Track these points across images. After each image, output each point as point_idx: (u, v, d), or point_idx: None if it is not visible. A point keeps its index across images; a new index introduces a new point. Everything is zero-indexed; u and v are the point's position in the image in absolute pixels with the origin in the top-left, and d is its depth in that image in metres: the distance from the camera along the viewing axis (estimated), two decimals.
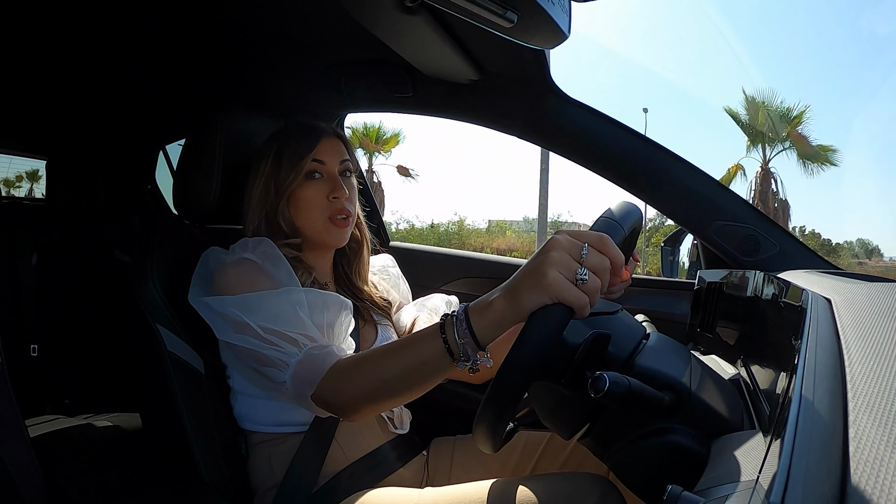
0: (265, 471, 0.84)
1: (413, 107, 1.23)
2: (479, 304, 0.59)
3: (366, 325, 0.96)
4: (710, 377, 0.61)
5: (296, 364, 0.71)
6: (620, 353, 0.59)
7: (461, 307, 0.61)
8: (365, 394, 0.67)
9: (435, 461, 0.96)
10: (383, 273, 1.09)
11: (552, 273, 0.52)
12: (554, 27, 0.67)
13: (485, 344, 0.59)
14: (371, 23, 0.88)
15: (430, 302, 1.04)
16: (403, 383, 0.65)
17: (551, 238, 0.56)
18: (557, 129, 1.09)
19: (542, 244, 0.57)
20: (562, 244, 0.54)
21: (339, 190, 0.89)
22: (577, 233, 0.55)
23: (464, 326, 0.58)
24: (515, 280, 0.56)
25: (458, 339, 0.59)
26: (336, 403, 0.69)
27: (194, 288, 0.81)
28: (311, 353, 0.71)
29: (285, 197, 0.88)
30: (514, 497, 0.67)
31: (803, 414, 0.32)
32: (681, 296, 1.17)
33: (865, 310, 0.48)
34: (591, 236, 0.55)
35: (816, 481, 0.27)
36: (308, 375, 0.70)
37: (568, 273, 0.52)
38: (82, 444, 0.89)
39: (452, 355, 0.60)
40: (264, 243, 0.84)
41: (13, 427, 0.63)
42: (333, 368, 0.69)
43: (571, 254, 0.53)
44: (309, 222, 0.89)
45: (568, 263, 0.53)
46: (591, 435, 0.63)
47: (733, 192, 1.05)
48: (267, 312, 0.73)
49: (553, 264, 0.53)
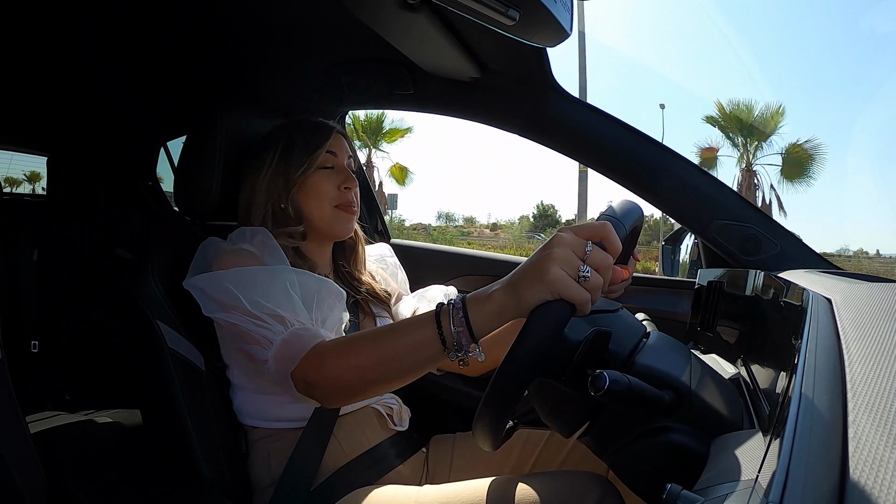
0: (264, 467, 0.84)
1: (414, 104, 1.23)
2: (478, 295, 0.59)
3: (365, 317, 0.97)
4: (710, 376, 0.61)
5: (280, 343, 0.70)
6: (620, 351, 0.59)
7: (459, 296, 0.61)
8: (348, 375, 0.66)
9: (434, 459, 0.96)
10: (381, 262, 1.10)
11: (555, 269, 0.52)
12: (556, 25, 0.67)
13: (480, 336, 0.59)
14: (373, 20, 0.88)
15: (429, 293, 1.05)
16: (389, 368, 0.63)
17: (555, 234, 0.56)
18: (558, 128, 1.09)
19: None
20: (566, 241, 0.54)
21: (351, 181, 0.92)
22: (580, 228, 0.55)
23: (460, 315, 0.58)
24: (517, 274, 0.56)
25: (452, 329, 0.59)
26: (316, 384, 0.68)
27: (191, 274, 0.82)
28: (297, 333, 0.71)
29: (296, 185, 0.89)
30: (514, 495, 0.67)
31: (803, 413, 0.32)
32: (681, 295, 1.17)
33: (866, 310, 0.48)
34: (594, 228, 0.55)
35: (816, 480, 0.27)
36: (290, 352, 0.69)
37: (571, 270, 0.53)
38: (83, 440, 0.89)
39: (445, 344, 0.59)
40: (261, 233, 0.85)
41: (14, 423, 0.63)
42: (317, 347, 0.68)
43: (575, 251, 0.54)
44: (318, 210, 0.91)
45: (571, 260, 0.53)
46: (591, 433, 0.63)
47: (734, 192, 1.05)
48: (258, 287, 0.73)
49: (556, 260, 0.53)
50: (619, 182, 1.08)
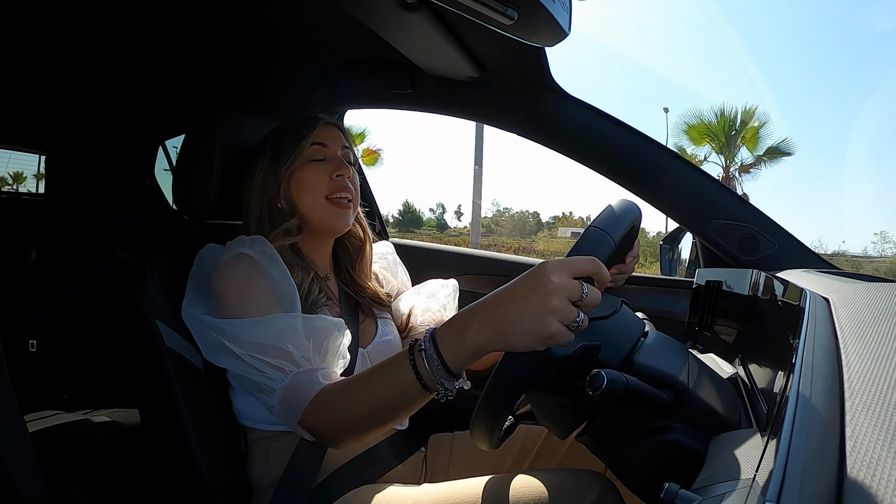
0: (263, 468, 0.84)
1: (412, 103, 1.23)
2: (450, 330, 0.57)
3: (366, 319, 0.96)
4: (707, 376, 0.61)
5: (282, 390, 0.70)
6: (615, 355, 0.60)
7: (427, 333, 0.58)
8: (348, 423, 0.66)
9: (433, 458, 0.96)
10: (381, 261, 1.09)
11: (554, 325, 0.51)
12: (554, 25, 0.67)
13: (459, 371, 0.57)
14: (371, 20, 0.87)
15: (425, 289, 1.05)
16: (385, 413, 0.63)
17: (546, 273, 0.53)
18: (557, 127, 1.09)
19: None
20: (561, 288, 0.52)
21: (342, 168, 0.89)
22: (572, 265, 0.53)
23: (434, 359, 0.57)
24: (506, 316, 0.53)
25: (429, 371, 0.57)
26: (321, 432, 0.69)
27: (189, 294, 0.80)
28: (297, 380, 0.70)
29: (286, 179, 0.88)
30: (513, 493, 0.67)
31: (800, 413, 0.32)
32: (680, 294, 1.17)
33: (863, 310, 0.49)
34: (586, 265, 0.54)
35: (813, 480, 0.27)
36: (293, 403, 0.69)
37: (568, 321, 0.52)
38: (82, 439, 0.89)
39: (427, 387, 0.58)
40: (259, 241, 0.83)
41: (12, 422, 0.63)
42: (318, 397, 0.68)
43: (571, 297, 0.52)
44: (310, 202, 0.88)
45: (568, 312, 0.52)
46: (589, 433, 0.63)
47: (733, 191, 1.06)
48: (251, 344, 0.72)
49: (556, 313, 0.51)
50: (617, 182, 1.08)
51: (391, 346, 0.94)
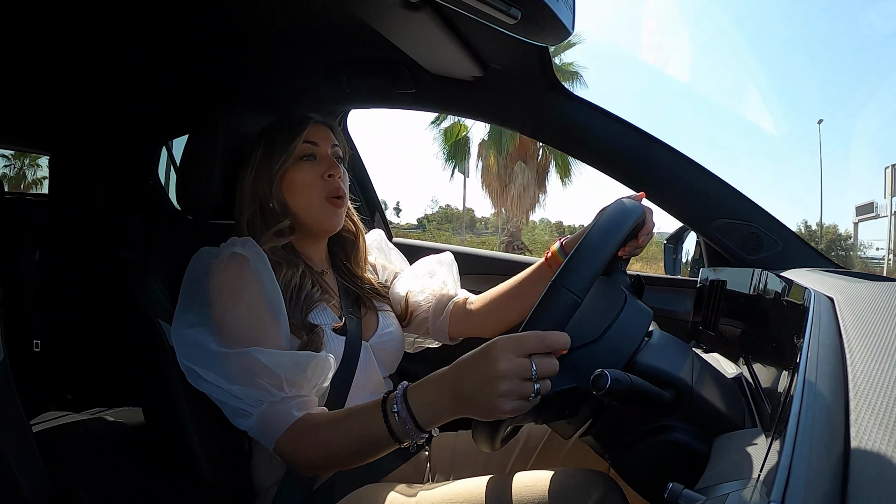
0: (267, 468, 0.84)
1: (415, 103, 1.23)
2: (423, 395, 0.61)
3: (367, 312, 0.96)
4: (711, 375, 0.61)
5: (258, 414, 0.73)
6: (622, 351, 0.59)
7: (400, 391, 0.63)
8: (319, 458, 0.71)
9: (436, 457, 0.96)
10: (373, 250, 1.09)
11: (509, 405, 0.54)
12: (557, 24, 0.67)
13: (429, 428, 0.62)
14: (374, 20, 0.87)
15: (422, 268, 1.05)
16: (355, 454, 0.68)
17: (494, 362, 0.55)
18: (560, 126, 1.09)
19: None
20: (510, 372, 0.54)
21: (334, 168, 0.89)
22: (519, 345, 0.54)
23: (407, 420, 0.61)
24: (465, 392, 0.57)
25: (401, 428, 0.62)
26: (294, 462, 0.73)
27: (180, 305, 0.80)
28: (274, 407, 0.72)
29: (277, 179, 0.87)
30: (516, 492, 0.67)
31: (805, 413, 0.32)
32: (683, 293, 1.17)
33: (868, 309, 0.48)
34: (532, 345, 0.54)
35: (817, 480, 0.27)
36: (269, 430, 0.72)
37: (522, 397, 0.54)
38: (85, 439, 0.90)
39: (398, 440, 0.63)
40: (249, 242, 0.83)
41: (16, 422, 0.63)
42: (293, 428, 0.71)
43: (522, 377, 0.54)
44: (304, 203, 0.88)
45: (521, 390, 0.54)
46: (593, 432, 0.63)
47: (736, 190, 1.04)
48: (229, 375, 0.73)
49: (504, 396, 0.54)
50: (620, 180, 1.08)
51: (392, 339, 0.95)
